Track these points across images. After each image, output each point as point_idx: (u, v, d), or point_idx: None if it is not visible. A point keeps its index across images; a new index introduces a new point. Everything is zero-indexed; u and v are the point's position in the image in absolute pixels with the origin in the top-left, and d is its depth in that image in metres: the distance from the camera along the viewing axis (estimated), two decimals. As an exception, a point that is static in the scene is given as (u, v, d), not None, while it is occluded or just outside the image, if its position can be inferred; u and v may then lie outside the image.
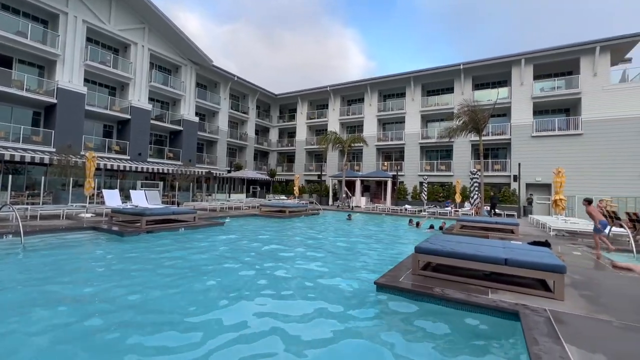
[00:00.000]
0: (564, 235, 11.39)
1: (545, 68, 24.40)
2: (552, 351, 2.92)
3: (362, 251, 8.83)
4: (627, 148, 20.13)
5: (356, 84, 32.26)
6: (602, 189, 18.61)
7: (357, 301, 4.71)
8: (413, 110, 29.22)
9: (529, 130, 23.38)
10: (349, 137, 27.59)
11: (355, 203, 25.21)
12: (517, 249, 5.48)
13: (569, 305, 4.18)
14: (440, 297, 4.43)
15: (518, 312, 3.89)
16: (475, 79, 27.30)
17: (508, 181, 23.81)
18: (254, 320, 4.01)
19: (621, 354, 2.93)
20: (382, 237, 11.82)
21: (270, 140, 39.54)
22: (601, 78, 21.55)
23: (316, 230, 13.07)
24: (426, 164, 28.57)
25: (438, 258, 5.30)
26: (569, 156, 21.35)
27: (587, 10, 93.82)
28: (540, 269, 4.54)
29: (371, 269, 6.64)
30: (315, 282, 5.68)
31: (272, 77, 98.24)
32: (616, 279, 5.78)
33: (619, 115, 20.57)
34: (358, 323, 3.98)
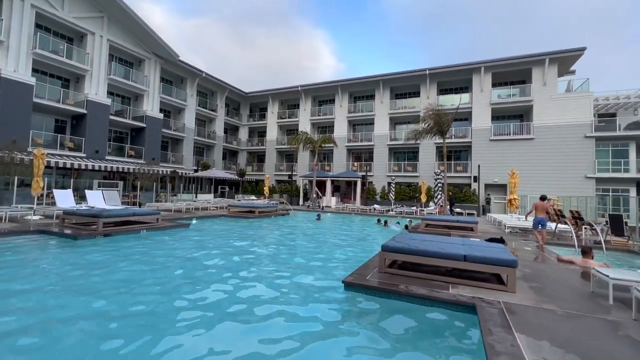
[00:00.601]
0: (517, 232, 12.27)
1: (502, 76, 26.14)
2: (504, 340, 3.13)
3: (330, 250, 8.91)
4: (572, 152, 22.12)
5: (327, 84, 32.52)
6: (550, 189, 20.27)
7: (325, 300, 4.75)
8: (382, 113, 30.00)
9: (488, 134, 24.92)
10: (320, 137, 27.73)
11: (326, 203, 25.39)
12: (475, 246, 5.82)
13: (519, 297, 4.51)
14: (405, 294, 4.59)
15: (475, 305, 4.12)
16: (440, 84, 28.60)
17: (469, 182, 25.21)
18: (219, 322, 3.91)
19: (562, 340, 3.21)
20: (351, 237, 12.01)
21: (239, 139, 38.69)
22: (550, 87, 23.49)
23: (286, 230, 12.99)
24: (394, 165, 29.44)
25: (403, 256, 5.49)
26: (522, 159, 23.03)
27: (543, 23, 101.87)
28: (495, 264, 4.86)
29: (340, 268, 6.72)
30: (283, 282, 5.65)
31: (243, 75, 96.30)
32: (560, 271, 6.33)
33: (565, 122, 22.55)
34: (325, 322, 4.01)
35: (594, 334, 3.42)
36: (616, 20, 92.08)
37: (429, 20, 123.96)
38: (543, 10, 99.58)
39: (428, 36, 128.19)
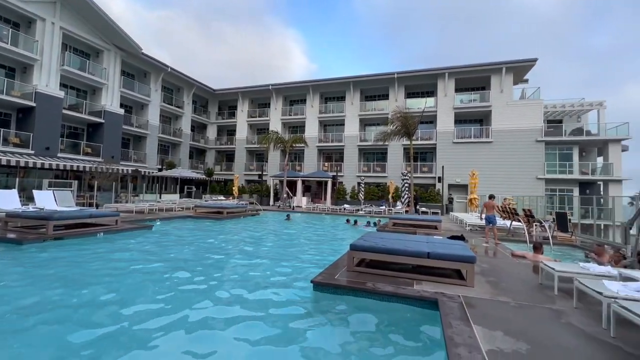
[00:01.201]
0: (477, 229, 13.03)
1: (464, 82, 27.62)
2: (463, 332, 3.32)
3: (300, 251, 8.92)
4: (525, 155, 23.89)
5: (298, 84, 32.46)
6: (506, 189, 21.77)
7: (294, 301, 4.75)
8: (352, 114, 30.48)
9: (451, 136, 26.22)
10: (291, 137, 27.63)
11: (297, 203, 25.33)
12: (438, 243, 6.10)
13: (477, 291, 4.80)
14: (372, 291, 4.71)
15: (437, 300, 4.33)
16: (408, 87, 29.63)
17: (434, 182, 26.36)
18: (187, 325, 3.77)
19: (514, 329, 3.47)
20: (321, 236, 12.09)
21: (207, 137, 37.46)
22: (506, 94, 25.21)
23: (255, 230, 12.80)
24: (364, 165, 30.04)
25: (371, 254, 5.63)
26: (482, 161, 24.49)
27: (503, 33, 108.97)
28: (456, 260, 5.13)
29: (309, 268, 6.74)
30: (253, 283, 5.57)
31: (212, 72, 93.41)
32: (514, 266, 6.82)
33: (519, 127, 24.31)
34: (295, 322, 4.02)
35: (542, 322, 3.73)
36: (563, 37, 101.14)
37: (397, 25, 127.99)
38: (502, 22, 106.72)
39: (397, 40, 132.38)
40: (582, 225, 13.19)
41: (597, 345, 3.18)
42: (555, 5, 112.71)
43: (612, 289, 3.67)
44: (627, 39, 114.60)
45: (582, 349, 3.09)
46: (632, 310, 3.03)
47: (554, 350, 3.04)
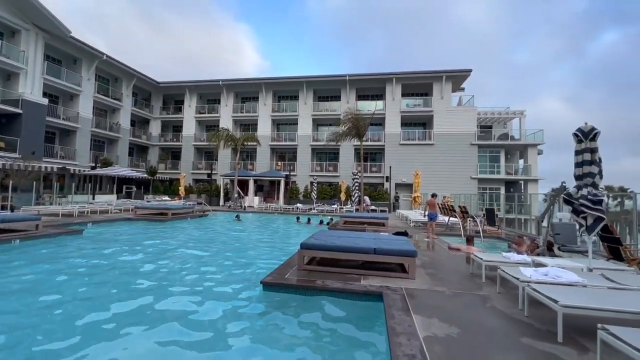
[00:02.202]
0: (420, 225, 14.01)
1: (410, 88, 29.43)
2: (404, 322, 3.56)
3: (251, 251, 8.75)
4: (461, 156, 26.27)
5: (251, 81, 31.73)
6: (446, 187, 23.72)
7: (243, 302, 4.66)
8: (305, 114, 30.65)
9: (398, 138, 27.78)
10: (243, 135, 26.90)
11: (248, 203, 24.74)
12: (384, 240, 6.45)
13: (418, 283, 5.18)
14: (322, 288, 4.81)
15: (382, 293, 4.57)
16: (359, 90, 30.67)
17: (382, 181, 27.69)
18: (133, 331, 3.48)
19: (448, 315, 3.82)
20: (274, 236, 11.99)
21: (150, 133, 34.74)
22: (446, 101, 27.45)
23: (203, 232, 12.24)
24: (316, 165, 30.41)
25: (321, 252, 5.74)
26: (424, 161, 26.34)
27: (445, 44, 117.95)
28: (399, 254, 5.47)
29: (259, 268, 6.66)
30: (199, 286, 5.33)
31: (157, 64, 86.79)
32: (450, 258, 7.47)
33: (457, 131, 26.65)
34: (245, 324, 3.95)
35: (471, 307, 4.16)
36: (491, 52, 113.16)
37: (349, 28, 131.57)
38: (442, 35, 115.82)
39: (349, 44, 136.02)
40: (506, 219, 14.93)
41: (514, 324, 3.64)
42: (485, 24, 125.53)
43: (526, 275, 4.23)
44: (541, 56, 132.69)
45: (502, 329, 3.51)
46: (539, 292, 3.53)
47: (479, 331, 3.41)
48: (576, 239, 7.33)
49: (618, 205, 9.50)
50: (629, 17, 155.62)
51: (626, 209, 8.82)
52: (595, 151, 4.82)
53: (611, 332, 2.50)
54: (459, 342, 3.13)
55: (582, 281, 4.03)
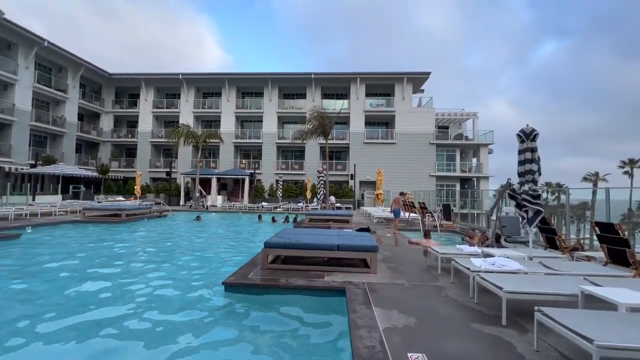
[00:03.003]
0: (383, 221, 14.49)
1: (373, 88, 30.23)
2: (365, 315, 3.67)
3: (212, 252, 8.49)
4: (421, 155, 27.56)
5: (213, 76, 30.63)
6: (406, 185, 24.72)
7: (204, 305, 4.52)
8: (270, 111, 30.24)
9: (362, 137, 28.44)
10: (205, 132, 25.89)
11: (211, 202, 23.90)
12: (347, 236, 6.58)
13: (379, 276, 5.36)
14: (285, 287, 4.80)
15: (345, 288, 4.67)
16: (324, 89, 30.88)
17: (347, 179, 28.20)
18: (94, 338, 3.20)
19: (406, 307, 4.00)
20: (237, 236, 11.72)
21: (101, 128, 32.17)
22: (407, 102, 28.59)
23: (160, 233, 11.63)
24: (282, 163, 30.19)
25: (285, 250, 5.72)
26: (387, 160, 27.25)
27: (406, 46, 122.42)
28: (361, 250, 5.62)
29: (222, 269, 6.48)
30: (157, 291, 5.07)
31: (109, 54, 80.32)
32: (410, 251, 7.82)
33: (417, 131, 27.89)
34: (205, 327, 3.83)
35: (427, 297, 4.39)
36: (448, 57, 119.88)
37: (314, 27, 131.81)
38: (403, 38, 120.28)
39: (314, 42, 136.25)
40: (461, 214, 15.96)
41: (466, 311, 3.91)
42: (443, 29, 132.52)
43: (476, 265, 4.56)
44: (491, 62, 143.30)
45: (454, 316, 3.75)
46: (487, 280, 3.82)
47: (434, 320, 3.62)
48: (520, 230, 8.05)
49: (556, 199, 10.58)
50: (565, 31, 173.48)
51: (562, 202, 9.84)
52: (535, 150, 5.31)
53: (545, 313, 2.78)
54: (416, 331, 3.29)
55: (523, 269, 4.43)
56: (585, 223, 8.77)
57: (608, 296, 3.10)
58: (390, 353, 2.80)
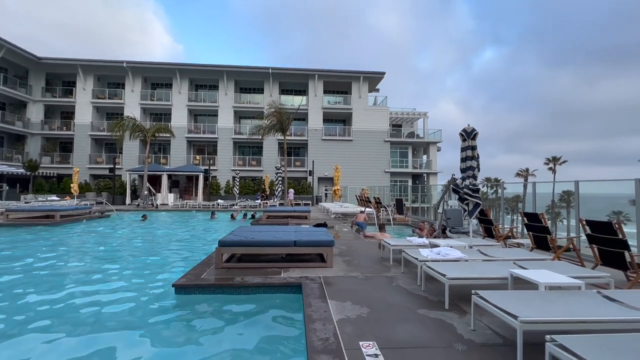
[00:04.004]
0: (340, 217, 14.82)
1: (331, 85, 30.61)
2: (320, 309, 3.74)
3: (163, 254, 8.03)
4: (376, 152, 28.62)
5: (163, 66, 28.67)
6: (363, 180, 25.54)
7: (154, 310, 4.27)
8: (226, 105, 29.19)
9: (320, 134, 28.71)
10: (154, 125, 24.20)
11: (162, 200, 22.49)
12: (304, 232, 6.63)
13: (335, 270, 5.49)
14: (241, 285, 4.71)
15: (301, 283, 4.71)
16: (282, 84, 30.55)
17: (306, 176, 28.31)
18: None
19: (359, 298, 4.15)
20: (190, 235, 11.20)
21: (28, 119, 28.49)
22: (363, 100, 29.42)
23: (102, 235, 10.70)
24: (239, 159, 29.36)
25: (241, 248, 5.60)
26: (344, 156, 27.88)
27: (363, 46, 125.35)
28: (318, 245, 5.70)
29: (173, 271, 6.16)
30: (97, 300, 4.67)
31: (39, 36, 70.94)
32: (365, 245, 8.11)
33: (372, 129, 28.87)
34: (155, 332, 3.61)
35: (379, 288, 4.60)
36: (402, 58, 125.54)
37: (271, 19, 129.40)
38: (359, 37, 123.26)
39: (271, 36, 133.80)
40: (412, 208, 16.91)
41: (413, 298, 4.17)
42: (396, 31, 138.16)
43: (423, 255, 4.87)
44: (439, 65, 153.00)
45: (403, 303, 3.98)
46: (432, 268, 4.12)
47: (385, 308, 3.81)
48: (462, 222, 8.76)
49: (494, 193, 11.67)
50: (502, 40, 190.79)
51: (500, 196, 10.90)
52: (475, 148, 5.81)
53: (480, 296, 3.07)
54: (368, 320, 3.44)
55: (464, 257, 4.84)
56: (517, 214, 9.82)
57: (531, 277, 3.52)
58: (343, 343, 2.89)
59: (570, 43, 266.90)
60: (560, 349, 2.10)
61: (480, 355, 2.74)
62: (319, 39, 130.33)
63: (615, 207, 15.41)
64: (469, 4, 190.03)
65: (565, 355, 2.06)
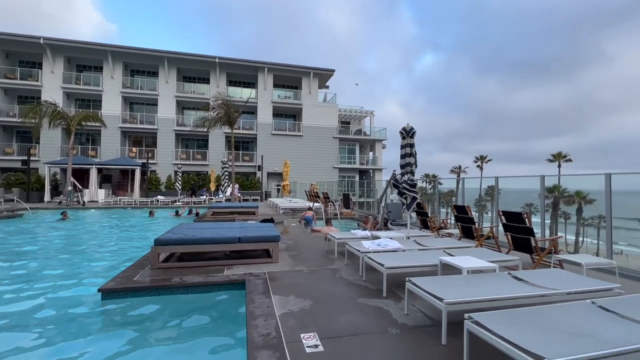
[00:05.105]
0: (289, 212, 14.80)
1: (281, 79, 30.22)
2: (263, 304, 3.71)
3: (88, 256, 7.24)
4: (326, 148, 29.10)
5: (92, 46, 25.48)
6: (312, 176, 25.83)
7: (76, 321, 3.82)
8: (168, 94, 27.11)
9: (270, 128, 28.26)
10: (80, 112, 21.49)
11: (90, 197, 20.17)
12: (250, 228, 6.49)
13: (281, 265, 5.48)
14: (179, 286, 4.45)
15: (245, 280, 4.61)
16: (230, 75, 29.29)
17: (254, 170, 27.69)
18: None
19: (303, 291, 4.20)
20: (123, 235, 10.25)
21: None
22: (313, 96, 29.62)
23: (11, 238, 9.25)
24: (182, 152, 27.58)
25: (180, 247, 5.28)
26: (294, 151, 27.85)
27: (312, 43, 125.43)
28: (264, 241, 5.63)
29: (100, 275, 5.59)
30: (9, 312, 4.03)
31: None
32: (312, 239, 8.22)
33: (322, 125, 29.26)
34: (77, 347, 3.23)
35: (323, 280, 4.70)
36: (351, 57, 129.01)
37: (218, 9, 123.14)
38: (309, 33, 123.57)
39: (218, 23, 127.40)
40: (359, 202, 17.61)
41: (355, 288, 4.35)
42: (345, 31, 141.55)
43: (365, 247, 5.10)
44: (385, 67, 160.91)
45: (345, 294, 4.13)
46: (372, 259, 4.33)
47: (328, 300, 3.91)
48: (402, 215, 9.37)
49: (432, 188, 12.65)
50: (440, 47, 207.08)
51: (436, 190, 11.86)
52: (413, 146, 6.22)
53: (413, 282, 3.32)
54: (310, 313, 3.50)
55: (402, 247, 5.18)
56: (450, 207, 10.80)
57: (456, 263, 3.91)
58: (284, 337, 2.91)
59: (494, 54, 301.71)
60: (476, 325, 2.37)
61: (411, 337, 2.97)
62: (269, 32, 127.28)
63: (528, 200, 17.77)
64: (412, 10, 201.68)
65: (479, 330, 2.33)
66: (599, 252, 19.38)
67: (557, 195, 31.19)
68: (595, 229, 33.56)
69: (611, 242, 5.22)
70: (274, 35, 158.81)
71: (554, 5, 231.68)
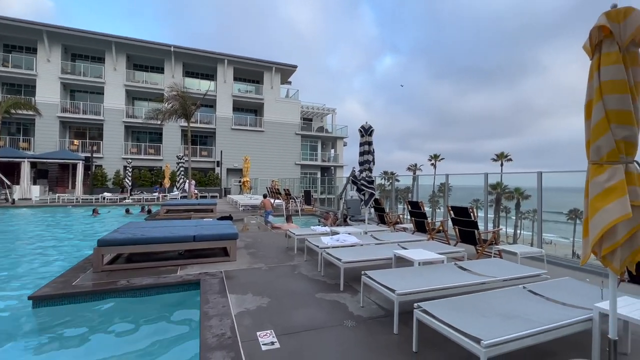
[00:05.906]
0: (249, 208, 14.50)
1: (242, 73, 29.33)
2: (218, 304, 3.59)
3: (17, 261, 6.47)
4: (288, 144, 28.90)
5: (22, 24, 22.59)
6: (274, 172, 25.51)
7: (4, 332, 3.39)
8: (116, 82, 24.99)
9: (230, 123, 27.34)
10: (8, 99, 19.01)
11: (22, 194, 17.98)
12: (206, 226, 6.24)
13: (238, 263, 5.34)
14: (126, 289, 4.15)
15: (200, 280, 4.43)
16: (186, 65, 27.78)
17: (213, 166, 26.65)
18: None
19: (261, 288, 4.15)
20: (61, 236, 9.31)
21: None
22: (275, 91, 29.19)
23: None
24: (133, 146, 25.65)
25: (127, 247, 4.92)
26: (255, 147, 27.28)
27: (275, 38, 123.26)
28: (220, 239, 5.45)
29: (32, 282, 5.03)
30: None
31: None
32: (272, 236, 8.13)
33: (284, 121, 28.98)
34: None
35: (282, 276, 4.68)
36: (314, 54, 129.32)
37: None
38: (269, 28, 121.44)
39: (175, 14, 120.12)
40: (320, 199, 17.76)
41: (314, 283, 4.39)
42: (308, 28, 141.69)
43: (324, 242, 5.16)
44: (347, 66, 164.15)
45: (304, 289, 4.15)
46: (331, 254, 4.40)
47: (286, 296, 3.90)
48: (360, 210, 9.64)
49: (390, 185, 13.14)
50: (398, 50, 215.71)
51: (394, 187, 12.35)
52: (371, 144, 6.40)
53: (368, 275, 3.43)
54: (268, 310, 3.47)
55: (359, 242, 5.32)
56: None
57: (409, 256, 4.11)
58: (239, 336, 2.85)
59: (448, 59, 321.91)
60: (424, 313, 2.52)
61: (366, 328, 3.07)
62: (231, 24, 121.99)
63: (475, 196, 19.17)
64: (373, 12, 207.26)
65: (426, 317, 2.48)
66: (533, 242, 21.64)
67: (499, 191, 34.23)
68: (530, 222, 37.38)
69: (541, 233, 5.85)
70: (235, 27, 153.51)
71: (501, 15, 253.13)
